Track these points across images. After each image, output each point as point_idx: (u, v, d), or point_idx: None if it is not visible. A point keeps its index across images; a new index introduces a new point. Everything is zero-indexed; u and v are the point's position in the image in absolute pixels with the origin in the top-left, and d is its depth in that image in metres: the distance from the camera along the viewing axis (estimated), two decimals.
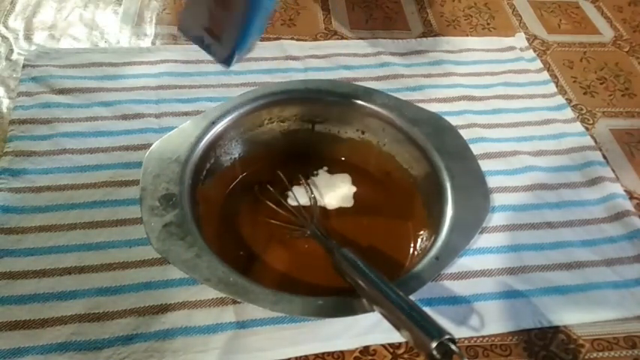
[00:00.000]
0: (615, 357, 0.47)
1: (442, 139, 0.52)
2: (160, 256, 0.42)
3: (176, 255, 0.42)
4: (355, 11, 0.82)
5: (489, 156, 0.61)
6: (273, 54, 0.72)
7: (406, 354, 0.46)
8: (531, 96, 0.70)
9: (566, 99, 0.70)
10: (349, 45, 0.75)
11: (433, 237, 0.47)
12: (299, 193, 0.54)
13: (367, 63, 0.72)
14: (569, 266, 0.53)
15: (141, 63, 0.69)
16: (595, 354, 0.47)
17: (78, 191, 0.55)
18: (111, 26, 0.75)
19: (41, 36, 0.72)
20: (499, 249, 0.53)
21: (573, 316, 0.49)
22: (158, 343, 0.45)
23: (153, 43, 0.73)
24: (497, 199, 0.57)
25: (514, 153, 0.62)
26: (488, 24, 0.81)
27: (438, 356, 0.36)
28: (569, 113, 0.68)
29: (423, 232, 0.51)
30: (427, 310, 0.38)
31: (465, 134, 0.54)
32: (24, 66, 0.67)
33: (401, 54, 0.74)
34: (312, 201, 0.54)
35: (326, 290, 0.48)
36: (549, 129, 0.66)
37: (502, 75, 0.72)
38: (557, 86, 0.71)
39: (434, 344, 0.36)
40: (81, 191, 0.55)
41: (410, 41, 0.76)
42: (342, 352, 0.46)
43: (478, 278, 0.51)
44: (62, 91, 0.64)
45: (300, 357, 0.45)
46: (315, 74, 0.69)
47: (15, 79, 0.66)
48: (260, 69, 0.70)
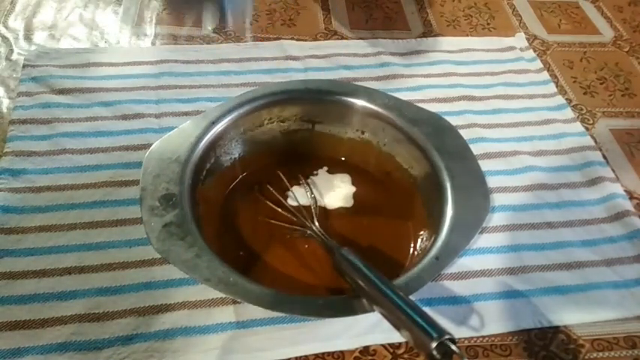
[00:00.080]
0: (615, 357, 0.47)
1: (442, 139, 0.52)
2: (160, 256, 0.42)
3: (176, 255, 0.42)
4: (355, 11, 0.82)
5: (489, 156, 0.61)
6: (273, 54, 0.72)
7: (406, 354, 0.46)
8: (531, 96, 0.70)
9: (566, 99, 0.70)
10: (349, 45, 0.75)
11: (433, 237, 0.46)
12: (299, 193, 0.54)
13: (367, 63, 0.72)
14: (569, 266, 0.53)
15: (141, 63, 0.69)
16: (595, 354, 0.47)
17: (78, 191, 0.55)
18: (111, 26, 0.75)
19: (41, 36, 0.72)
20: (499, 249, 0.53)
21: (573, 316, 0.49)
22: (158, 343, 0.45)
23: (153, 43, 0.73)
24: (497, 199, 0.57)
25: (514, 153, 0.62)
26: (488, 24, 0.81)
27: (438, 356, 0.36)
28: (569, 113, 0.68)
29: (423, 232, 0.51)
30: (427, 310, 0.38)
31: (465, 134, 0.54)
32: (24, 66, 0.67)
33: (401, 54, 0.74)
34: (312, 201, 0.54)
35: (326, 290, 0.48)
36: (549, 129, 0.66)
37: (502, 75, 0.72)
38: (557, 86, 0.71)
39: (434, 344, 0.36)
40: (81, 191, 0.55)
41: (410, 41, 0.76)
42: (342, 352, 0.46)
43: (478, 278, 0.51)
44: (62, 91, 0.64)
45: (300, 357, 0.45)
46: (315, 74, 0.69)
47: (15, 79, 0.66)
48: (260, 69, 0.70)
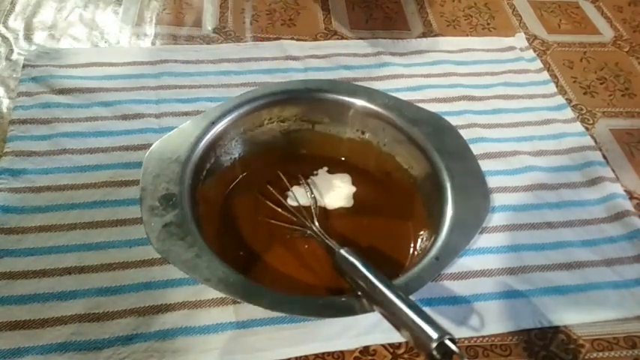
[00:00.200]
0: (615, 357, 0.47)
1: (442, 139, 0.52)
2: (160, 256, 0.42)
3: (176, 255, 0.42)
4: (355, 11, 0.82)
5: (489, 156, 0.61)
6: (273, 54, 0.72)
7: (406, 354, 0.46)
8: (531, 96, 0.70)
9: (566, 99, 0.70)
10: (349, 45, 0.75)
11: (433, 237, 0.46)
12: (299, 193, 0.54)
13: (367, 63, 0.72)
14: (569, 266, 0.53)
15: (141, 63, 0.69)
16: (595, 354, 0.47)
17: (78, 191, 0.55)
18: (111, 26, 0.75)
19: (41, 36, 0.72)
20: (499, 249, 0.53)
21: (573, 316, 0.49)
22: (158, 343, 0.45)
23: (153, 43, 0.73)
24: (497, 199, 0.57)
25: (514, 153, 0.62)
26: (488, 24, 0.81)
27: (438, 356, 0.36)
28: (569, 113, 0.68)
29: (423, 232, 0.51)
30: (427, 310, 0.38)
31: (465, 134, 0.54)
32: (24, 66, 0.67)
33: (401, 54, 0.74)
34: (312, 201, 0.54)
35: (326, 290, 0.48)
36: (549, 129, 0.66)
37: (502, 75, 0.72)
38: (557, 86, 0.71)
39: (434, 344, 0.36)
40: (81, 191, 0.55)
41: (410, 41, 0.76)
42: (342, 352, 0.46)
43: (478, 278, 0.51)
44: (62, 91, 0.64)
45: (300, 357, 0.45)
46: (315, 74, 0.69)
47: (15, 79, 0.66)
48: (260, 69, 0.70)
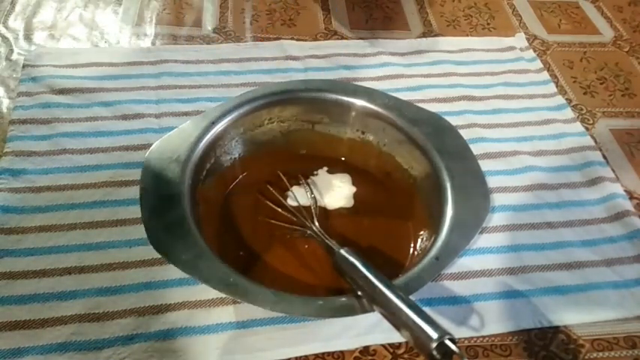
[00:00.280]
0: (615, 357, 0.47)
1: (442, 139, 0.52)
2: (160, 256, 0.42)
3: (176, 255, 0.42)
4: (355, 11, 0.82)
5: (489, 156, 0.61)
6: (273, 54, 0.72)
7: (406, 354, 0.46)
8: (531, 96, 0.70)
9: (566, 99, 0.70)
10: (349, 45, 0.75)
11: (433, 237, 0.46)
12: (299, 193, 0.54)
13: (367, 63, 0.72)
14: (569, 266, 0.53)
15: (141, 63, 0.69)
16: (595, 354, 0.47)
17: (78, 191, 0.55)
18: (111, 26, 0.75)
19: (41, 36, 0.72)
20: (499, 249, 0.53)
21: (573, 316, 0.49)
22: (158, 343, 0.45)
23: (153, 43, 0.73)
24: (497, 199, 0.57)
25: (514, 153, 0.62)
26: (488, 24, 0.81)
27: (438, 356, 0.36)
28: (569, 113, 0.68)
29: (423, 232, 0.51)
30: (427, 310, 0.38)
31: (465, 134, 0.54)
32: (24, 66, 0.67)
33: (401, 54, 0.74)
34: (312, 201, 0.54)
35: (326, 290, 0.48)
36: (549, 129, 0.66)
37: (502, 75, 0.72)
38: (557, 86, 0.71)
39: (434, 344, 0.36)
40: (81, 191, 0.55)
41: (410, 41, 0.76)
42: (342, 352, 0.46)
43: (478, 278, 0.51)
44: (62, 91, 0.64)
45: (300, 357, 0.45)
46: (315, 74, 0.69)
47: (15, 79, 0.66)
48: (260, 69, 0.70)
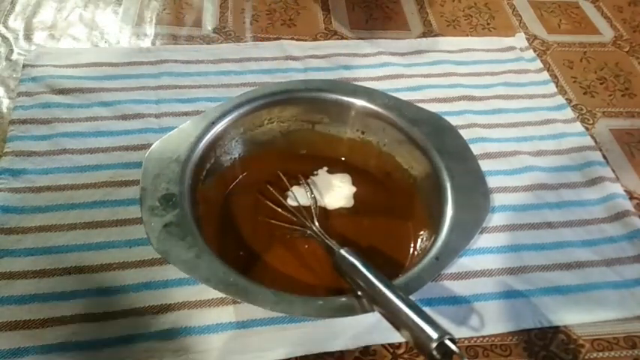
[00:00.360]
0: (615, 357, 0.47)
1: (442, 139, 0.52)
2: (160, 256, 0.42)
3: (176, 255, 0.42)
4: (355, 11, 0.82)
5: (489, 156, 0.61)
6: (273, 54, 0.72)
7: (406, 354, 0.46)
8: (531, 96, 0.70)
9: (566, 99, 0.70)
10: (349, 45, 0.75)
11: (433, 237, 0.46)
12: (299, 193, 0.54)
13: (367, 63, 0.72)
14: (569, 266, 0.53)
15: (141, 63, 0.69)
16: (595, 354, 0.47)
17: (78, 191, 0.55)
18: (111, 26, 0.75)
19: (41, 36, 0.72)
20: (499, 249, 0.53)
21: (573, 316, 0.49)
22: (158, 343, 0.45)
23: (153, 43, 0.73)
24: (497, 199, 0.57)
25: (514, 153, 0.62)
26: (488, 24, 0.81)
27: (438, 356, 0.36)
28: (569, 113, 0.68)
29: (423, 232, 0.51)
30: (427, 310, 0.38)
31: (465, 134, 0.54)
32: (24, 66, 0.67)
33: (401, 54, 0.74)
34: (312, 201, 0.54)
35: (326, 290, 0.48)
36: (549, 129, 0.66)
37: (502, 75, 0.72)
38: (557, 86, 0.71)
39: (434, 344, 0.36)
40: (81, 191, 0.55)
41: (410, 41, 0.76)
42: (342, 352, 0.46)
43: (478, 278, 0.51)
44: (62, 91, 0.64)
45: (300, 357, 0.45)
46: (315, 74, 0.69)
47: (15, 79, 0.66)
48: (260, 69, 0.70)
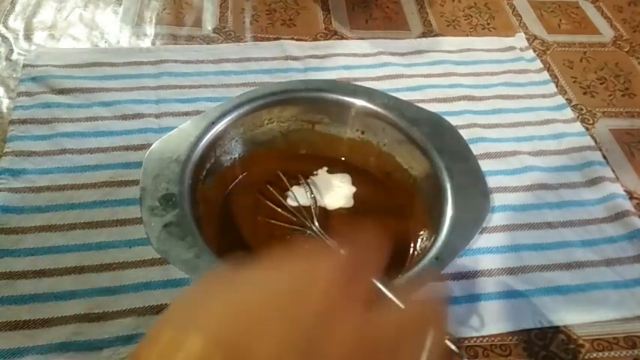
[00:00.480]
0: (615, 357, 0.47)
1: (442, 139, 0.52)
2: (160, 256, 0.42)
3: (176, 255, 0.42)
4: (355, 11, 0.82)
5: (489, 156, 0.61)
6: (273, 54, 0.72)
7: None
8: (531, 96, 0.70)
9: (566, 99, 0.70)
10: (349, 45, 0.75)
11: (433, 237, 0.46)
12: (299, 193, 0.54)
13: (367, 63, 0.72)
14: (569, 266, 0.53)
15: (141, 63, 0.69)
16: (595, 354, 0.47)
17: (78, 191, 0.55)
18: (111, 26, 0.75)
19: (41, 36, 0.72)
20: (499, 249, 0.53)
21: (573, 316, 0.49)
22: None
23: (153, 43, 0.73)
24: (497, 199, 0.57)
25: (514, 153, 0.62)
26: (488, 24, 0.81)
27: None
28: (569, 113, 0.68)
29: (423, 232, 0.51)
30: None
31: (465, 134, 0.54)
32: (24, 66, 0.67)
33: (401, 54, 0.74)
34: (312, 201, 0.54)
35: None
36: (549, 129, 0.66)
37: (502, 75, 0.72)
38: (557, 86, 0.71)
39: None
40: (81, 191, 0.55)
41: (410, 41, 0.76)
42: None
43: (478, 278, 0.51)
44: (62, 91, 0.64)
45: None
46: (315, 74, 0.69)
47: (15, 79, 0.66)
48: (260, 69, 0.70)
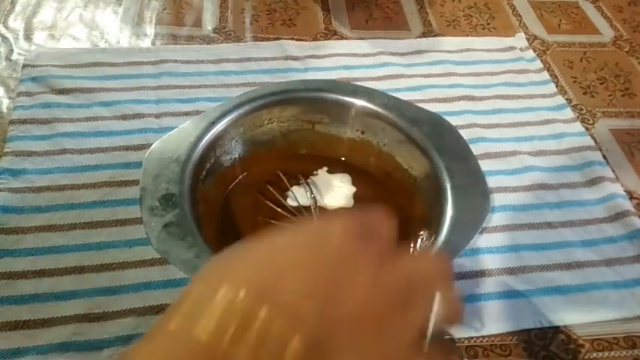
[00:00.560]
0: (615, 357, 0.47)
1: (442, 139, 0.52)
2: (160, 256, 0.42)
3: (176, 255, 0.42)
4: (355, 11, 0.82)
5: (489, 156, 0.61)
6: (273, 54, 0.72)
7: None
8: (531, 96, 0.70)
9: (566, 99, 0.70)
10: (349, 45, 0.75)
11: (433, 237, 0.46)
12: (299, 193, 0.54)
13: (367, 63, 0.72)
14: (569, 266, 0.53)
15: (141, 63, 0.69)
16: (595, 354, 0.47)
17: (78, 191, 0.55)
18: (111, 26, 0.75)
19: (41, 36, 0.72)
20: (499, 249, 0.53)
21: (573, 316, 0.49)
22: None
23: (153, 43, 0.73)
24: (497, 199, 0.57)
25: (514, 153, 0.62)
26: (488, 24, 0.81)
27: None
28: (569, 113, 0.68)
29: (423, 232, 0.50)
30: None
31: (465, 134, 0.54)
32: (24, 66, 0.67)
33: (401, 54, 0.74)
34: (312, 201, 0.54)
35: None
36: (549, 129, 0.66)
37: (502, 75, 0.72)
38: (557, 86, 0.71)
39: None
40: (81, 191, 0.55)
41: (410, 41, 0.76)
42: None
43: (478, 278, 0.51)
44: (62, 91, 0.64)
45: None
46: (315, 74, 0.69)
47: (15, 79, 0.66)
48: (260, 69, 0.70)
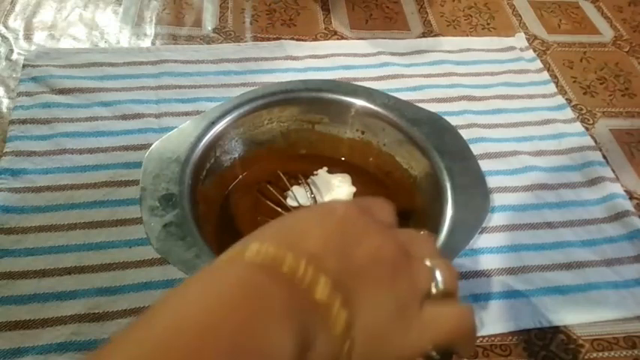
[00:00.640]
0: (615, 357, 0.47)
1: (442, 139, 0.52)
2: (160, 256, 0.42)
3: (176, 255, 0.42)
4: (355, 11, 0.82)
5: (489, 156, 0.61)
6: (273, 54, 0.72)
7: None
8: (531, 96, 0.70)
9: (566, 99, 0.70)
10: (349, 45, 0.75)
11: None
12: (299, 193, 0.54)
13: (367, 63, 0.72)
14: (569, 266, 0.53)
15: (141, 63, 0.69)
16: (595, 354, 0.47)
17: (78, 191, 0.55)
18: (111, 26, 0.75)
19: (41, 36, 0.72)
20: (499, 249, 0.53)
21: (573, 316, 0.49)
22: None
23: (153, 43, 0.73)
24: (497, 199, 0.57)
25: (514, 153, 0.62)
26: (488, 24, 0.81)
27: (437, 356, 0.36)
28: (569, 113, 0.68)
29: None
30: None
31: (465, 134, 0.54)
32: (24, 66, 0.67)
33: (401, 54, 0.74)
34: (312, 201, 0.54)
35: None
36: (549, 129, 0.66)
37: (502, 75, 0.72)
38: (557, 86, 0.71)
39: None
40: (81, 191, 0.55)
41: (410, 41, 0.76)
42: None
43: (478, 278, 0.51)
44: (62, 91, 0.64)
45: None
46: (315, 74, 0.69)
47: (15, 79, 0.66)
48: (260, 69, 0.70)
